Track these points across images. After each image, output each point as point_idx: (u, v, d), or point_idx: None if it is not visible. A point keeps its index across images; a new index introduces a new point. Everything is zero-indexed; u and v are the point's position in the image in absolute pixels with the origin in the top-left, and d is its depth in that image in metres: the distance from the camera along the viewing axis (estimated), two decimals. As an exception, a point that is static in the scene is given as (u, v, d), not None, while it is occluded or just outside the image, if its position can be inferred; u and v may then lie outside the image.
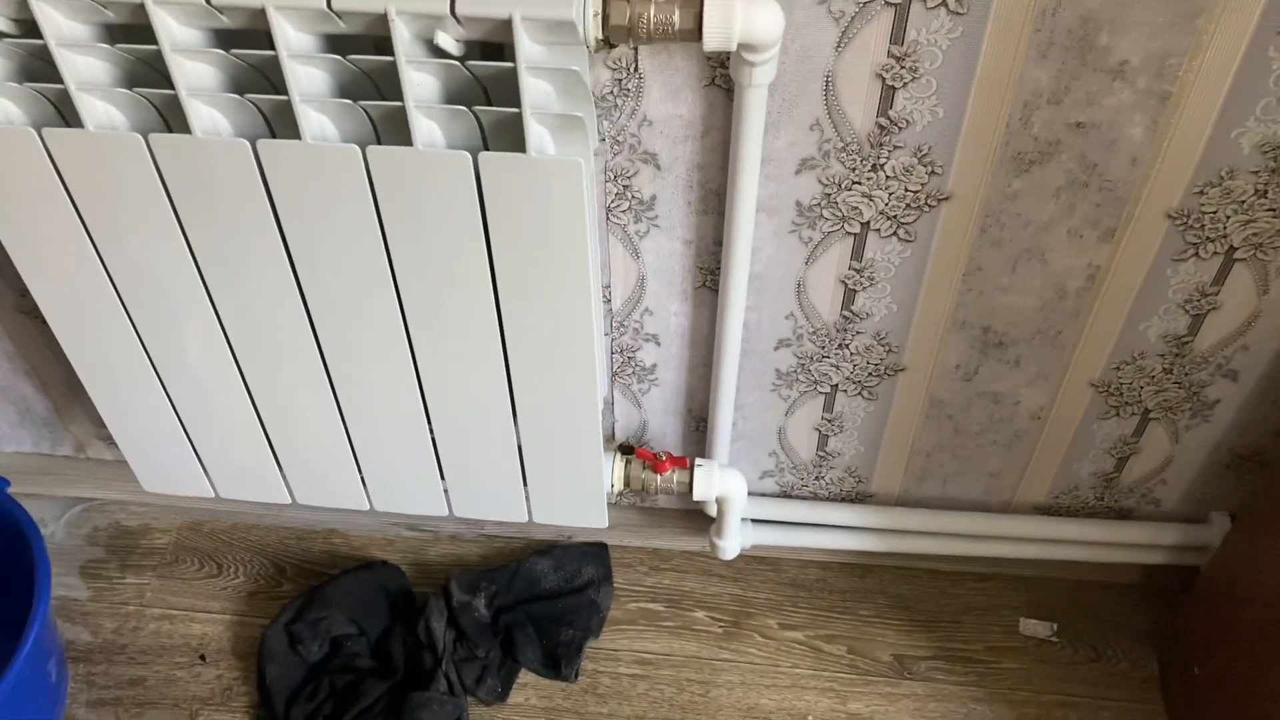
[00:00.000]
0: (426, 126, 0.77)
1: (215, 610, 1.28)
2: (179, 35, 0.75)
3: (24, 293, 1.11)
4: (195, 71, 0.77)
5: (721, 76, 0.85)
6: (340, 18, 0.72)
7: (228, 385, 0.99)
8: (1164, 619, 1.24)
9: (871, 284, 1.00)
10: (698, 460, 1.11)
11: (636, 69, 0.85)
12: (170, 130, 0.81)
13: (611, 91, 0.87)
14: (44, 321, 1.13)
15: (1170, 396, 1.07)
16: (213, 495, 1.12)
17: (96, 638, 1.26)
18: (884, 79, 0.84)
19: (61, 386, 1.24)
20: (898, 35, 0.81)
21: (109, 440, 1.31)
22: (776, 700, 1.20)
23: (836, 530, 1.25)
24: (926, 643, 1.25)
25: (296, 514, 1.35)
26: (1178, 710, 1.17)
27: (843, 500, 1.25)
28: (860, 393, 1.11)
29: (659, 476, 1.09)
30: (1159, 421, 1.11)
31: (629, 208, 0.95)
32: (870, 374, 1.09)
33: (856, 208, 0.93)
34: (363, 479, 1.08)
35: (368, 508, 1.11)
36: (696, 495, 1.10)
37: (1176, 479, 1.17)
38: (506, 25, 0.71)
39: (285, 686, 1.19)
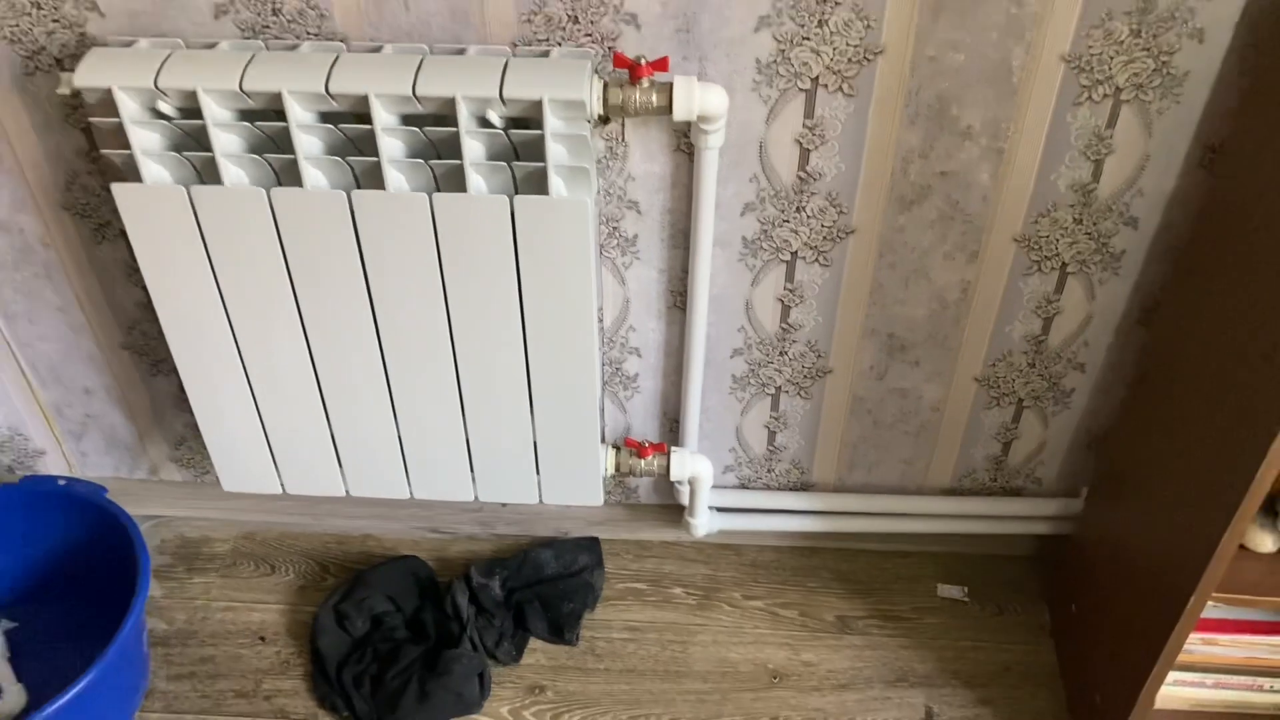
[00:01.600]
0: (475, 179, 1.08)
1: (271, 601, 1.52)
2: (300, 116, 1.05)
3: (130, 329, 1.39)
4: (309, 142, 1.07)
5: (685, 144, 1.16)
6: (420, 101, 1.03)
7: (306, 392, 1.27)
8: (1053, 575, 1.53)
9: (801, 301, 1.30)
10: (673, 448, 1.39)
11: (623, 139, 1.16)
12: (281, 184, 1.10)
13: (605, 156, 1.18)
14: (142, 355, 1.41)
15: (1036, 387, 1.38)
16: (280, 491, 1.38)
17: (171, 626, 1.49)
18: (801, 143, 1.16)
19: (146, 414, 1.50)
20: (809, 111, 1.14)
21: (180, 462, 1.56)
22: (743, 654, 1.47)
23: (786, 515, 1.53)
24: (863, 606, 1.52)
25: (336, 522, 1.60)
26: (1062, 639, 1.45)
27: (790, 489, 1.53)
28: (798, 393, 1.41)
29: (642, 461, 1.38)
30: (1031, 409, 1.41)
31: (617, 244, 1.26)
32: (805, 376, 1.39)
33: (787, 240, 1.24)
34: (406, 470, 1.35)
35: (408, 496, 1.38)
36: (673, 475, 1.38)
37: (1051, 459, 1.47)
38: (537, 104, 1.02)
39: (336, 655, 1.43)
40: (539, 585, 1.51)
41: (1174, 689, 1.27)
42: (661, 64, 1.05)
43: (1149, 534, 1.22)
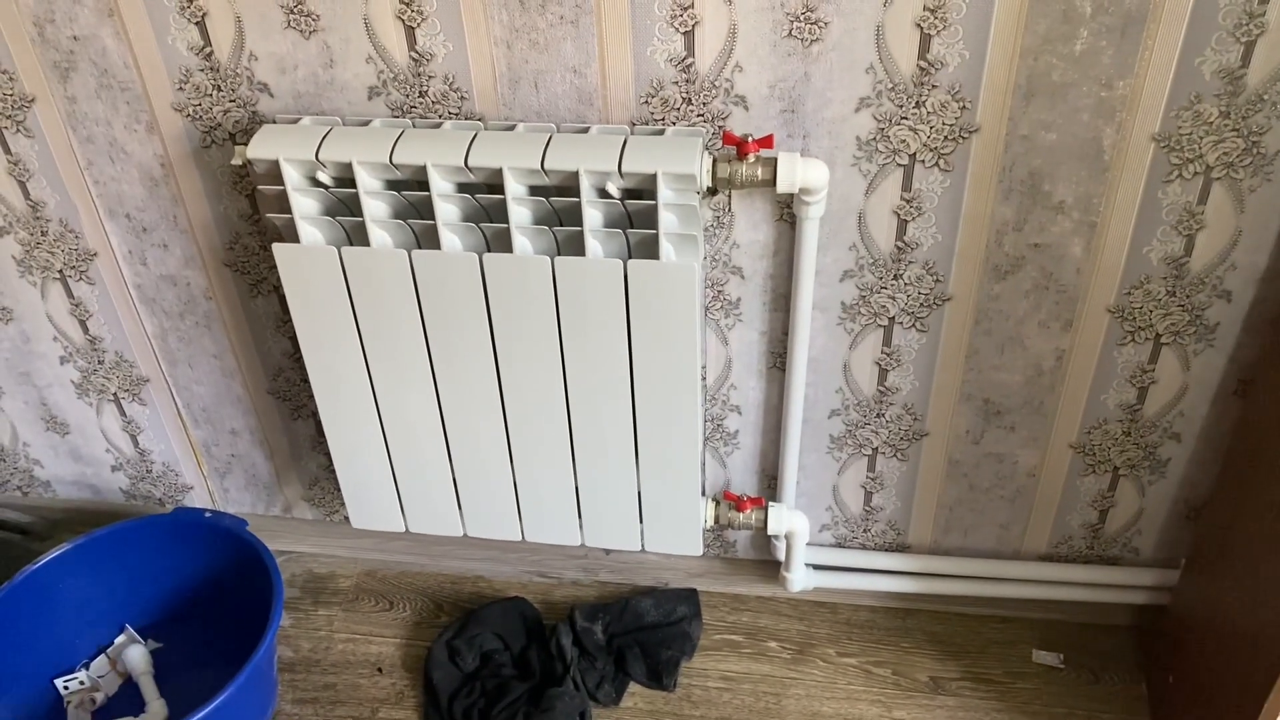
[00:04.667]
0: (593, 244, 1.18)
1: (388, 635, 1.62)
2: (441, 186, 1.17)
3: (275, 376, 1.52)
4: (447, 209, 1.19)
5: (787, 214, 1.25)
6: (547, 174, 1.14)
7: (433, 437, 1.37)
8: (1151, 645, 1.53)
9: (898, 365, 1.36)
10: (771, 503, 1.45)
11: (729, 209, 1.25)
12: (421, 247, 1.22)
13: (712, 225, 1.27)
14: (284, 400, 1.54)
15: (1132, 456, 1.41)
16: (404, 530, 1.49)
17: (297, 654, 1.60)
18: (899, 215, 1.23)
19: (284, 455, 1.63)
20: (907, 184, 1.21)
21: (312, 502, 1.69)
22: (835, 708, 1.50)
23: (882, 575, 1.57)
24: (956, 668, 1.54)
25: (451, 563, 1.70)
26: (1159, 710, 1.44)
27: (886, 549, 1.57)
28: (895, 455, 1.46)
29: (741, 514, 1.44)
30: (1127, 478, 1.43)
31: (721, 307, 1.34)
32: (902, 438, 1.44)
33: (885, 306, 1.31)
34: (519, 514, 1.44)
35: (520, 539, 1.47)
36: (771, 529, 1.44)
37: (1149, 529, 1.48)
38: (652, 178, 1.12)
39: (448, 688, 1.52)
40: (639, 632, 1.58)
41: (1273, 764, 1.26)
42: (767, 141, 1.14)
43: (1246, 607, 1.22)
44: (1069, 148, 1.15)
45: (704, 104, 1.17)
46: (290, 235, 1.23)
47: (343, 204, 1.22)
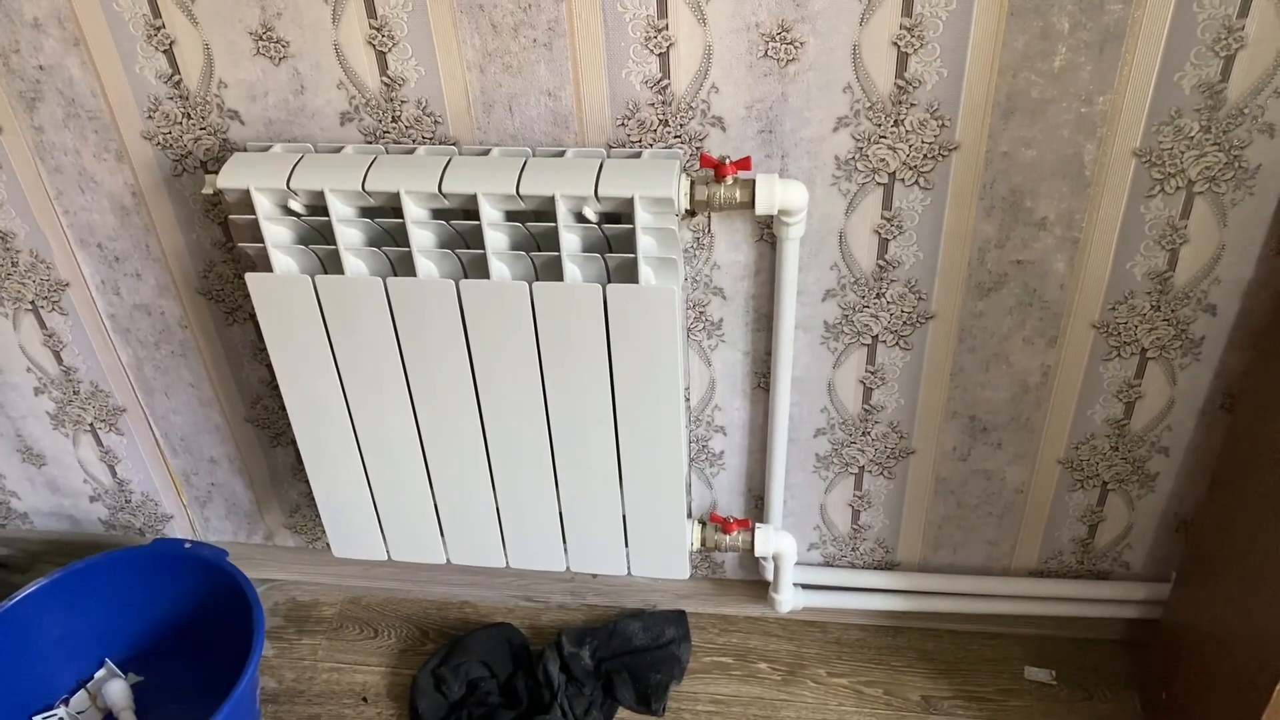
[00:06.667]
0: (572, 269, 1.16)
1: (373, 664, 1.60)
2: (415, 213, 1.15)
3: (253, 404, 1.50)
4: (422, 236, 1.17)
5: (767, 234, 1.23)
6: (523, 199, 1.12)
7: (413, 465, 1.35)
8: (1143, 660, 1.51)
9: (883, 383, 1.35)
10: (758, 524, 1.44)
11: (709, 230, 1.24)
12: (396, 274, 1.20)
13: (692, 246, 1.26)
14: (263, 428, 1.52)
15: (1120, 470, 1.39)
16: (386, 558, 1.46)
17: (281, 685, 1.58)
18: (880, 233, 1.22)
19: (265, 483, 1.61)
20: (887, 203, 1.19)
21: (293, 529, 1.67)
22: (826, 730, 1.49)
23: (871, 593, 1.55)
24: (948, 686, 1.53)
25: (436, 589, 1.68)
26: (1153, 729, 1.43)
27: (875, 568, 1.56)
28: (881, 473, 1.44)
29: (727, 536, 1.42)
30: (1115, 492, 1.42)
31: (703, 328, 1.33)
32: (888, 456, 1.42)
33: (868, 325, 1.30)
34: (503, 540, 1.42)
35: (504, 565, 1.45)
36: (758, 551, 1.42)
37: (1139, 543, 1.47)
38: (629, 201, 1.10)
39: (434, 717, 1.49)
40: (627, 656, 1.56)
41: (1269, 780, 1.25)
42: (745, 163, 1.13)
43: (1238, 619, 1.21)
44: (1050, 164, 1.14)
45: (681, 126, 1.16)
46: (263, 264, 1.21)
47: (316, 232, 1.20)
